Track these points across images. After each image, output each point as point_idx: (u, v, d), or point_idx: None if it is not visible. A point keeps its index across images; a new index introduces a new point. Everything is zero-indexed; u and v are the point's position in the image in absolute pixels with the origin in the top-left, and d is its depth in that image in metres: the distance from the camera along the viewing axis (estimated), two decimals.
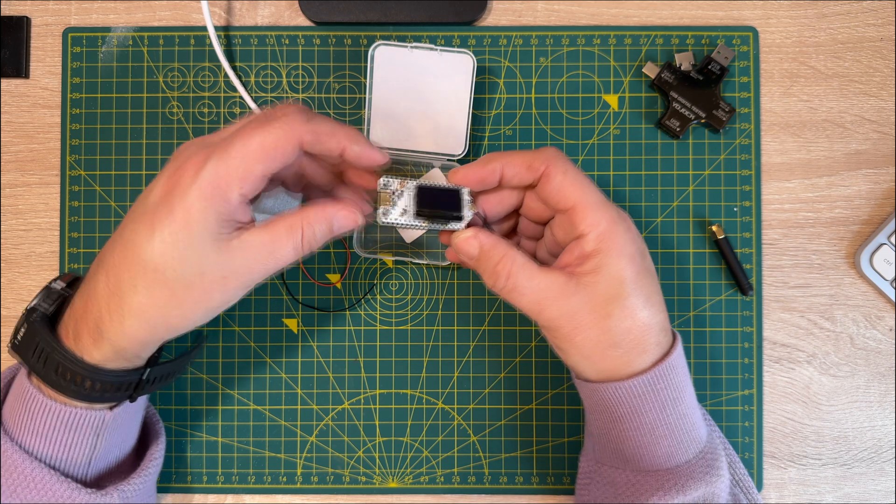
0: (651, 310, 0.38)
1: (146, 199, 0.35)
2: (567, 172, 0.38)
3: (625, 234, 0.37)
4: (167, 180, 0.35)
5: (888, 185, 0.49)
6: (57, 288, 0.39)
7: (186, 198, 0.34)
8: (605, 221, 0.37)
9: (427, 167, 0.49)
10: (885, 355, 0.49)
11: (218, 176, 0.34)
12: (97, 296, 0.36)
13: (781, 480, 0.49)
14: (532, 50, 0.49)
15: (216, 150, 0.34)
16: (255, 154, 0.34)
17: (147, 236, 0.34)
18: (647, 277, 0.38)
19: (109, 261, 0.35)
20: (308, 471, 0.49)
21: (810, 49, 0.50)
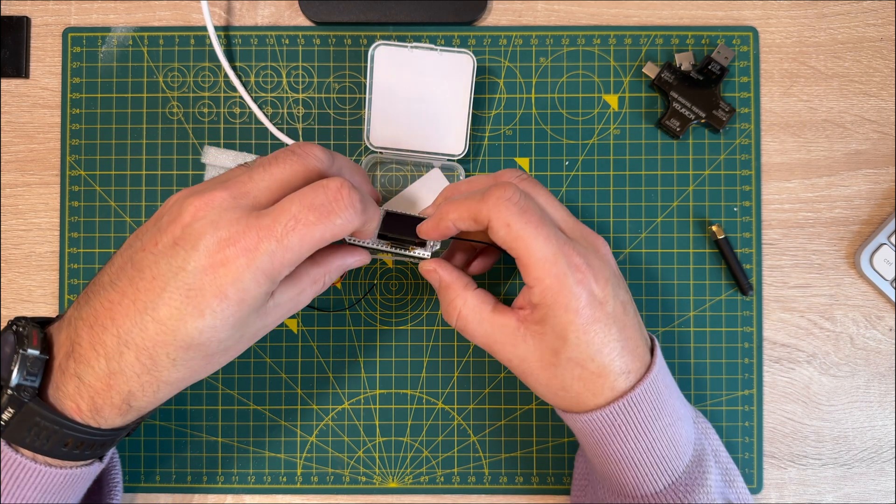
0: (606, 357, 0.37)
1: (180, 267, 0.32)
2: (511, 225, 0.36)
3: (574, 287, 0.36)
4: (212, 255, 0.32)
5: (888, 185, 0.49)
6: (35, 355, 0.34)
7: (241, 282, 0.32)
8: (549, 277, 0.36)
9: (427, 167, 0.49)
10: (885, 355, 0.49)
11: (273, 265, 0.33)
12: (124, 374, 0.33)
13: (781, 480, 0.49)
14: (532, 50, 0.49)
15: (271, 237, 0.32)
16: (311, 247, 0.34)
17: (194, 318, 0.32)
18: (603, 326, 0.37)
19: (140, 339, 0.33)
20: (308, 471, 0.49)
21: (810, 49, 0.50)
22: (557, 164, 0.49)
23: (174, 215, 0.33)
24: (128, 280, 0.33)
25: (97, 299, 0.34)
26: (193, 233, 0.32)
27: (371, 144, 0.48)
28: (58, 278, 0.49)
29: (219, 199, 0.33)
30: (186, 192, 0.34)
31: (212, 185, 0.34)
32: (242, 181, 0.34)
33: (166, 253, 0.33)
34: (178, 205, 0.34)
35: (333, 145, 0.49)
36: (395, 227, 0.40)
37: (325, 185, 0.34)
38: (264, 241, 0.32)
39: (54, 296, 0.49)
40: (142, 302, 0.32)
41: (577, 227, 0.40)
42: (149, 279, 0.32)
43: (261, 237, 0.32)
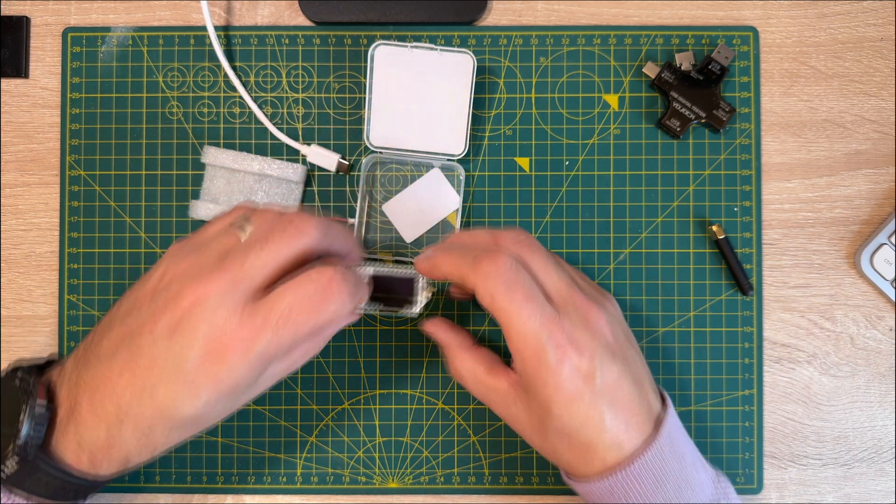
0: (592, 431, 0.37)
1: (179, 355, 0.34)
2: (494, 298, 0.37)
3: (554, 364, 0.36)
4: (209, 346, 0.33)
5: (888, 185, 0.49)
6: (41, 411, 0.35)
7: (236, 371, 0.34)
8: (529, 351, 0.36)
9: (427, 167, 0.49)
10: (885, 355, 0.49)
11: (267, 354, 0.34)
12: (123, 441, 0.35)
13: (782, 480, 0.49)
14: (532, 50, 0.49)
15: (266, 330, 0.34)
16: (305, 336, 0.35)
17: (190, 400, 0.34)
18: (588, 402, 0.36)
19: (138, 414, 0.34)
20: (308, 471, 0.49)
21: (810, 49, 0.50)
22: (557, 164, 0.49)
23: (172, 295, 0.34)
24: (128, 356, 0.34)
25: (97, 367, 0.35)
26: (192, 322, 0.34)
27: (371, 144, 0.47)
28: (57, 278, 0.49)
29: (216, 288, 0.34)
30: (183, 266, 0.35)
31: (209, 262, 0.35)
32: (239, 264, 0.34)
33: (164, 339, 0.34)
34: (176, 284, 0.35)
35: (333, 145, 0.49)
36: (384, 288, 0.42)
37: (317, 277, 0.35)
38: (260, 334, 0.34)
39: (54, 296, 0.49)
40: (141, 382, 0.34)
41: (571, 297, 0.38)
42: (148, 360, 0.34)
43: (255, 331, 0.34)
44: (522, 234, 0.40)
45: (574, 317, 0.38)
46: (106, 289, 0.49)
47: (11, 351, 0.49)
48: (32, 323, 0.49)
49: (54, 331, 0.49)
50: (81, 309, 0.49)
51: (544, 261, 0.39)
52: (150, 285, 0.36)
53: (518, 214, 0.49)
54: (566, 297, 0.38)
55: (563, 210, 0.49)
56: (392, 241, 0.49)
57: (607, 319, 0.38)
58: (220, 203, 0.48)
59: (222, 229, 0.37)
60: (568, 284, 0.39)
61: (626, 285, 0.49)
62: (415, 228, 0.49)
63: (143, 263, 0.49)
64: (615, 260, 0.49)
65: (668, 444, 0.38)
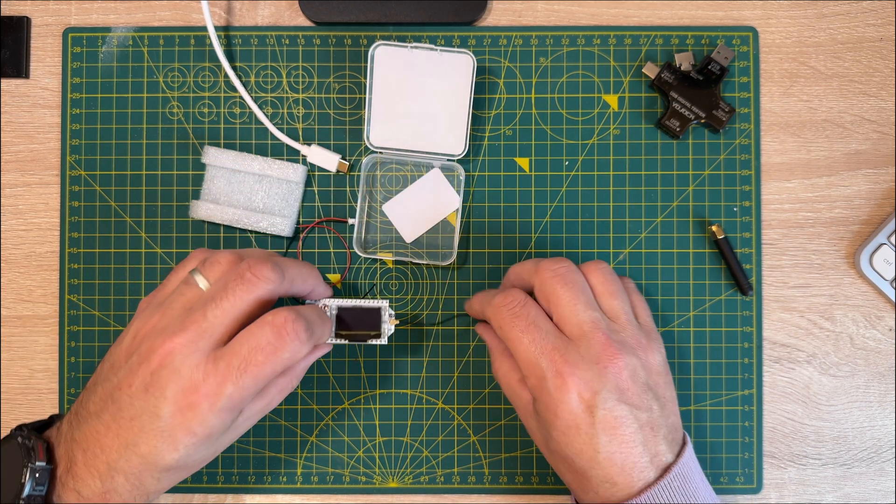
0: (586, 463, 0.38)
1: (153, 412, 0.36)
2: (502, 327, 0.40)
3: (553, 391, 0.38)
4: (178, 401, 0.36)
5: (888, 185, 0.49)
6: (42, 467, 0.37)
7: (207, 422, 0.36)
8: (532, 377, 0.39)
9: (427, 167, 0.49)
10: (884, 355, 0.49)
11: (234, 402, 0.36)
12: (117, 491, 0.37)
13: (781, 480, 0.49)
14: (532, 50, 0.49)
15: (227, 381, 0.36)
16: (266, 380, 0.37)
17: (170, 451, 0.36)
18: (585, 433, 0.38)
19: (127, 467, 0.37)
20: (308, 471, 0.49)
21: (810, 49, 0.50)
22: (557, 164, 0.49)
23: (144, 353, 0.37)
24: (111, 415, 0.37)
25: (87, 426, 0.37)
26: (161, 381, 0.36)
27: (371, 144, 0.48)
28: (58, 278, 0.49)
29: (179, 347, 0.36)
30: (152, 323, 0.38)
31: (174, 318, 0.37)
32: (200, 318, 0.36)
33: (140, 396, 0.36)
34: (147, 342, 0.37)
35: (333, 145, 0.49)
36: (350, 321, 0.44)
37: (272, 320, 0.37)
38: (222, 385, 0.36)
39: (54, 296, 0.49)
40: (124, 438, 0.36)
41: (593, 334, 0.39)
42: (128, 419, 0.36)
43: (219, 382, 0.36)
44: (563, 266, 0.41)
45: (585, 352, 0.39)
46: (106, 289, 0.49)
47: (12, 350, 0.49)
48: (32, 323, 0.49)
49: (54, 331, 0.49)
50: (82, 309, 0.49)
51: (572, 295, 0.40)
52: (125, 345, 0.39)
53: (518, 214, 0.49)
54: (585, 333, 0.39)
55: (563, 210, 0.49)
56: (392, 241, 0.49)
57: (627, 363, 0.39)
58: (221, 203, 0.48)
59: (182, 281, 0.40)
60: (593, 321, 0.39)
61: None
62: (415, 228, 0.49)
63: (144, 263, 0.49)
64: (615, 260, 0.49)
65: (669, 495, 0.38)
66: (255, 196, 0.48)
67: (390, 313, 0.45)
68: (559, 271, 0.41)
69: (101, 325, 0.49)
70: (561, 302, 0.40)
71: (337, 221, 0.49)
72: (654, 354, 0.41)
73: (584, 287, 0.41)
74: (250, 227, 0.48)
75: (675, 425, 0.40)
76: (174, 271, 0.42)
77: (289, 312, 0.37)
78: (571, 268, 0.41)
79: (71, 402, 0.49)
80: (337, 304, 0.44)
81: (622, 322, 0.41)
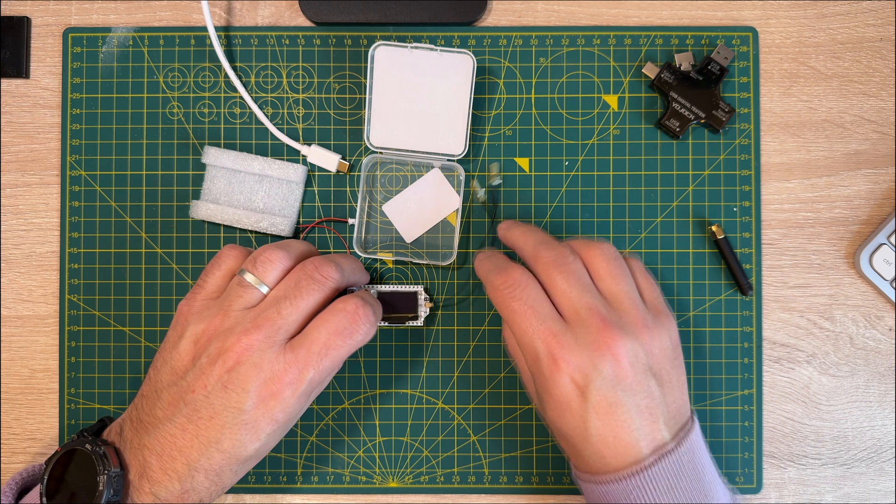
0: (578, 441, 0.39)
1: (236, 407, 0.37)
2: (500, 308, 0.41)
3: (547, 373, 0.39)
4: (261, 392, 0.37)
5: (887, 185, 0.49)
6: (117, 472, 0.38)
7: (289, 408, 0.38)
8: (529, 357, 0.40)
9: (427, 167, 0.49)
10: (884, 355, 0.49)
11: (313, 386, 0.39)
12: (196, 490, 0.39)
13: (781, 480, 0.49)
14: (532, 50, 0.49)
15: (309, 366, 0.38)
16: (341, 363, 0.40)
17: (253, 441, 0.38)
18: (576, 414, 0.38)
19: (208, 464, 0.38)
20: (308, 470, 0.49)
21: (810, 49, 0.50)
22: (557, 164, 0.49)
23: (214, 354, 0.38)
24: (186, 418, 0.38)
25: (159, 432, 0.38)
26: (241, 377, 0.37)
27: (371, 144, 0.48)
28: (58, 278, 0.49)
29: (256, 343, 0.38)
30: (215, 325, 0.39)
31: (240, 318, 0.39)
32: (273, 319, 0.38)
33: (218, 395, 0.38)
34: (216, 343, 0.38)
35: (333, 146, 0.49)
36: (389, 304, 0.47)
37: (344, 309, 0.40)
38: (304, 371, 0.38)
39: (55, 296, 0.49)
40: (205, 437, 0.38)
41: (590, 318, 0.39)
42: (207, 418, 0.38)
43: (301, 368, 0.38)
44: (558, 252, 0.41)
45: (582, 336, 0.38)
46: (106, 289, 0.49)
47: (12, 350, 0.49)
48: (33, 323, 0.49)
49: (54, 331, 0.49)
50: (82, 309, 0.49)
51: (568, 282, 0.40)
52: (186, 349, 0.39)
53: (518, 214, 0.49)
54: (582, 318, 0.39)
55: (563, 210, 0.49)
56: (392, 241, 0.49)
57: (625, 347, 0.38)
58: (221, 203, 0.48)
59: (235, 282, 0.40)
60: (590, 306, 0.39)
61: None
62: (415, 228, 0.49)
63: (144, 263, 0.49)
64: None
65: (664, 479, 0.38)
66: (255, 196, 0.48)
67: (425, 297, 0.48)
68: (554, 260, 0.41)
69: (102, 325, 0.49)
70: (557, 289, 0.40)
71: (337, 221, 0.49)
72: (661, 335, 0.40)
73: (581, 272, 0.41)
74: (250, 227, 0.48)
75: (679, 409, 0.40)
76: (210, 271, 0.42)
77: (357, 299, 0.40)
78: (566, 254, 0.41)
79: (72, 402, 0.49)
80: (376, 289, 0.47)
81: (624, 305, 0.40)
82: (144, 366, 0.49)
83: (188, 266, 0.49)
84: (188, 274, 0.49)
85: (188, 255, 0.49)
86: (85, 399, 0.49)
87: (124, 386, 0.49)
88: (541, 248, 0.41)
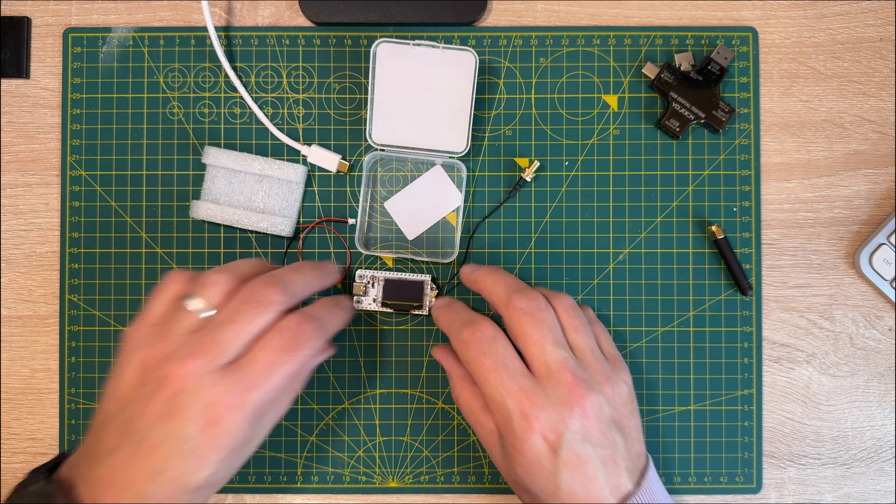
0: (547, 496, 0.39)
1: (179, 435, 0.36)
2: (469, 363, 0.41)
3: (518, 431, 0.38)
4: (204, 418, 0.36)
5: (887, 186, 0.49)
6: None
7: (235, 433, 0.37)
8: (498, 414, 0.40)
9: (428, 165, 0.49)
10: (884, 355, 0.49)
11: (260, 408, 0.37)
12: None
13: (781, 480, 0.49)
14: (532, 50, 0.49)
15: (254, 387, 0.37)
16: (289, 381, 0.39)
17: (200, 470, 0.36)
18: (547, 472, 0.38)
19: (158, 495, 0.36)
20: (308, 470, 0.49)
21: (810, 49, 0.50)
22: (557, 164, 0.49)
23: (157, 381, 0.37)
24: (132, 447, 0.36)
25: (108, 463, 0.37)
26: (182, 404, 0.36)
27: (373, 142, 0.48)
28: (58, 278, 0.49)
29: (196, 368, 0.36)
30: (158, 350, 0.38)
31: (183, 343, 0.37)
32: (213, 343, 0.37)
33: (161, 423, 0.36)
34: (160, 370, 0.37)
35: (334, 146, 0.49)
36: (395, 293, 0.48)
37: (286, 326, 0.39)
38: (248, 393, 0.37)
39: (55, 296, 0.49)
40: (151, 467, 0.36)
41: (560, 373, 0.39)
42: (152, 447, 0.36)
43: (243, 391, 0.37)
44: (532, 303, 0.41)
45: (552, 393, 0.39)
46: (106, 289, 0.49)
47: (12, 350, 0.49)
48: (33, 323, 0.49)
49: (54, 331, 0.49)
50: (82, 309, 0.49)
51: (540, 334, 0.40)
52: (131, 377, 0.38)
53: (518, 215, 0.49)
54: (553, 373, 0.40)
55: (563, 210, 0.49)
56: (393, 238, 0.49)
57: (593, 402, 0.39)
58: (221, 203, 0.48)
59: (178, 307, 0.39)
60: (561, 360, 0.40)
61: (625, 285, 0.49)
62: (416, 226, 0.49)
63: (144, 263, 0.49)
64: (615, 260, 0.49)
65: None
66: (255, 196, 0.48)
67: (432, 287, 0.48)
68: (528, 309, 0.41)
69: (102, 325, 0.49)
70: (529, 340, 0.40)
71: (337, 221, 0.49)
72: (620, 386, 0.41)
73: (554, 325, 0.41)
74: (250, 228, 0.48)
75: (637, 453, 0.41)
76: (155, 296, 0.41)
77: (300, 315, 0.39)
78: (541, 304, 0.41)
79: (72, 402, 0.49)
80: (384, 275, 0.48)
81: (587, 357, 0.41)
82: None
83: (188, 266, 0.49)
84: None
85: (188, 255, 0.49)
86: (85, 399, 0.49)
87: None
88: (515, 296, 0.41)
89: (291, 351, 0.38)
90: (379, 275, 0.48)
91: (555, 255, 0.49)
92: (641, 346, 0.49)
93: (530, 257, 0.49)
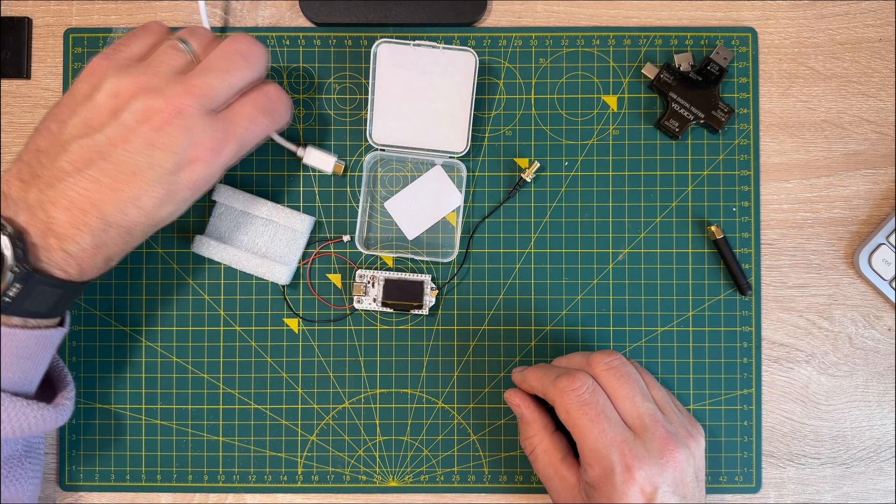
0: None
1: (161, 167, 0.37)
2: (569, 413, 0.41)
3: (619, 484, 0.39)
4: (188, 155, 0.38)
5: (886, 186, 0.49)
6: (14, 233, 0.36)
7: (210, 176, 0.39)
8: (598, 467, 0.40)
9: (428, 165, 0.49)
10: (883, 355, 0.49)
11: (233, 159, 0.40)
12: (107, 245, 0.38)
13: (780, 480, 0.49)
14: (532, 51, 0.49)
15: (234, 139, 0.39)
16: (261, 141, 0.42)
17: (169, 205, 0.39)
18: None
19: (122, 221, 0.38)
20: (308, 470, 0.49)
21: (809, 50, 0.50)
22: (557, 165, 0.49)
23: (141, 115, 0.37)
24: (102, 171, 0.37)
25: (67, 185, 0.37)
26: (170, 138, 0.37)
27: (374, 142, 0.48)
28: None
29: (189, 108, 0.37)
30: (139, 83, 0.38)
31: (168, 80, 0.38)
32: (205, 87, 0.38)
33: (143, 152, 0.37)
34: (141, 101, 0.37)
35: (334, 146, 0.49)
36: (395, 292, 0.48)
37: (268, 91, 0.41)
38: (228, 142, 0.39)
39: None
40: (125, 193, 0.37)
41: (653, 427, 0.40)
42: (129, 174, 0.37)
43: (225, 139, 0.39)
44: (616, 359, 0.42)
45: (650, 446, 0.40)
46: (106, 289, 0.49)
47: None
48: None
49: None
50: (82, 309, 0.49)
51: (630, 388, 0.41)
52: (103, 101, 0.38)
53: (518, 215, 0.49)
54: (647, 426, 0.40)
55: (563, 210, 0.49)
56: (393, 238, 0.49)
57: (683, 456, 0.40)
58: (226, 242, 0.48)
59: (163, 46, 0.40)
60: (652, 414, 0.41)
61: (625, 285, 0.49)
62: (416, 226, 0.49)
63: (144, 263, 0.49)
64: (614, 260, 0.49)
65: None
66: (258, 239, 0.48)
67: (432, 287, 0.48)
68: (613, 364, 0.42)
69: (102, 325, 0.49)
70: (619, 394, 0.41)
71: (335, 241, 0.49)
72: (700, 440, 0.43)
73: (638, 379, 0.42)
74: (249, 271, 0.48)
75: (703, 498, 0.43)
76: (133, 35, 0.41)
77: (276, 84, 0.42)
78: (623, 360, 0.43)
79: None
80: (384, 275, 0.48)
81: (669, 412, 0.43)
82: (145, 366, 0.49)
83: (188, 266, 0.49)
84: (189, 274, 0.49)
85: (188, 255, 0.49)
86: (85, 399, 0.49)
87: (125, 386, 0.49)
88: (595, 356, 0.42)
89: (270, 115, 0.41)
90: (379, 275, 0.48)
91: (555, 255, 0.49)
92: (641, 346, 0.49)
93: (530, 257, 0.49)
